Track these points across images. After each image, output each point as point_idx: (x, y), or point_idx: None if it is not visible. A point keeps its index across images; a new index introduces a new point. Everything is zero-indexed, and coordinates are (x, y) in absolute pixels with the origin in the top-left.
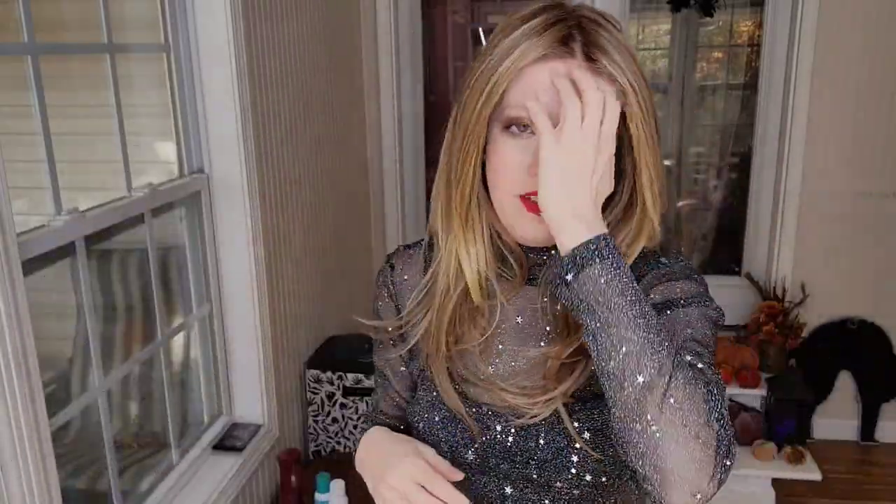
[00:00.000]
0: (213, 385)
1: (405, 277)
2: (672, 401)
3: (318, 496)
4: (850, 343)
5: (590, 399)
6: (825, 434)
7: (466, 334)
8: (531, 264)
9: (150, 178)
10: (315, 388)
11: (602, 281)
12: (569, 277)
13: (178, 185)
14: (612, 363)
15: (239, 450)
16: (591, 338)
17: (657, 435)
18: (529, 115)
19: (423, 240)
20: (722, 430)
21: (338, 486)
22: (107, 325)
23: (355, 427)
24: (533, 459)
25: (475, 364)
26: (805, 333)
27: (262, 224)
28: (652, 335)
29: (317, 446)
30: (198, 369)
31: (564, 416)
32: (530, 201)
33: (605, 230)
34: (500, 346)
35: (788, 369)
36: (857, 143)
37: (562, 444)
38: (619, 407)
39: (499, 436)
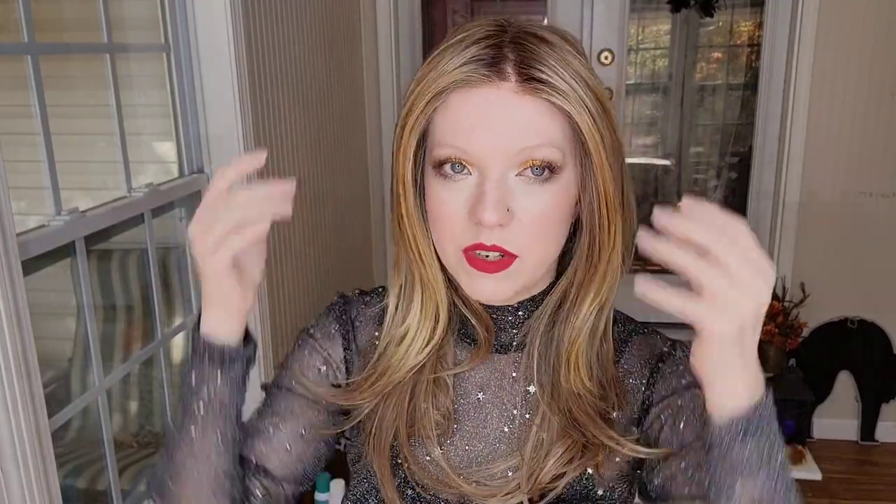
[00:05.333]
0: None
1: (360, 322)
2: None
3: (318, 496)
4: (850, 343)
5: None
6: (825, 434)
7: (424, 415)
8: (495, 327)
9: (149, 178)
10: None
11: (766, 447)
12: (735, 445)
13: (178, 185)
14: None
15: None
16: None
17: None
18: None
19: (380, 287)
20: None
21: (338, 485)
22: (107, 325)
23: None
24: None
25: (423, 445)
26: (805, 333)
27: None
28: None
29: None
30: None
31: None
32: (476, 257)
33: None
34: (455, 426)
35: (788, 369)
36: (857, 143)
37: None
38: None
39: None
